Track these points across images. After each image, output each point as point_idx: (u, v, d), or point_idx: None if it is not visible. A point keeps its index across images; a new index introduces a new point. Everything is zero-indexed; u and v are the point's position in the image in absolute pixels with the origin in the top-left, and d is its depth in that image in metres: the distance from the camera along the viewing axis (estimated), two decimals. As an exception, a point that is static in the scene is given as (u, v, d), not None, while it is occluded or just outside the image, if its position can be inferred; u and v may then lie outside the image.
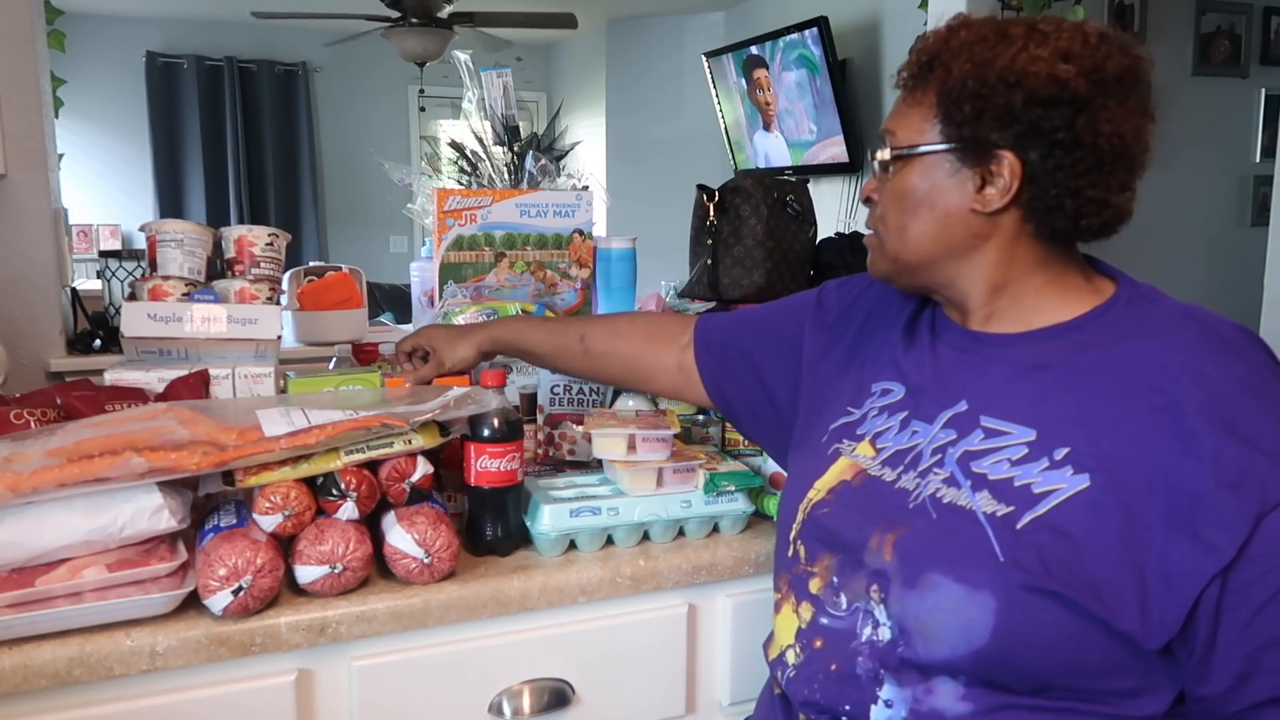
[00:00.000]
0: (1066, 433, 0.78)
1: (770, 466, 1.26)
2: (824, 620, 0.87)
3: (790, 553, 0.93)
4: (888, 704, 0.81)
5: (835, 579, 0.87)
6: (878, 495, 0.87)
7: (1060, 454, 0.77)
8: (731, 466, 1.18)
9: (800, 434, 1.03)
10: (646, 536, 1.15)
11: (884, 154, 0.89)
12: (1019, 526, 0.76)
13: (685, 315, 1.23)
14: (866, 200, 0.93)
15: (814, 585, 0.89)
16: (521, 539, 1.12)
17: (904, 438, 0.89)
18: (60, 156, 1.60)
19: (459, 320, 1.40)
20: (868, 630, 0.83)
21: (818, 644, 0.87)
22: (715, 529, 1.18)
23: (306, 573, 0.96)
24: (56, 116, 1.60)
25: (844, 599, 0.86)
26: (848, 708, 0.84)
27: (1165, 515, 0.72)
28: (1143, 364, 0.78)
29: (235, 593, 0.90)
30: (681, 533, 1.16)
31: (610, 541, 1.13)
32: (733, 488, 1.15)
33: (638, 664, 1.11)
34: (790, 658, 0.91)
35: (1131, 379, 0.78)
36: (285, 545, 0.98)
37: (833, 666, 0.85)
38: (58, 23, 1.66)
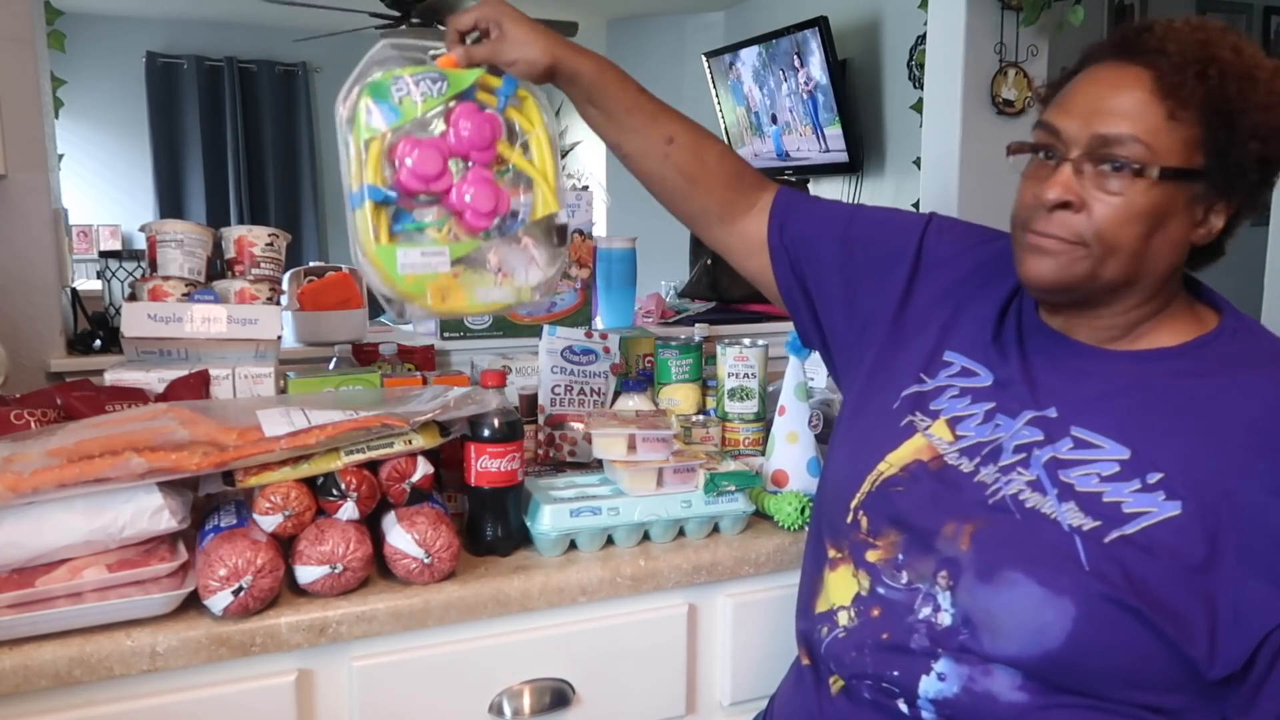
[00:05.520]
0: (1162, 457, 0.78)
1: (770, 466, 1.26)
2: (881, 590, 0.86)
3: (849, 519, 0.90)
4: (940, 676, 0.80)
5: (900, 556, 0.85)
6: (956, 487, 0.85)
7: (1154, 478, 0.77)
8: (731, 466, 1.18)
9: (864, 383, 0.98)
10: (647, 536, 1.15)
11: (1153, 172, 0.76)
12: (1106, 540, 0.76)
13: (761, 176, 1.08)
14: (1064, 205, 0.79)
15: (873, 555, 0.87)
16: (521, 539, 1.12)
17: (986, 430, 0.87)
18: (60, 156, 1.60)
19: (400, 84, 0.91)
20: (926, 610, 0.82)
21: (875, 613, 0.86)
22: (715, 529, 1.18)
23: (307, 573, 0.96)
24: (56, 116, 1.60)
25: (905, 575, 0.84)
26: (895, 674, 0.83)
27: (1248, 552, 0.72)
28: (1247, 400, 0.78)
29: (235, 593, 0.90)
30: (682, 533, 1.16)
31: (610, 541, 1.13)
32: (733, 488, 1.15)
33: (638, 664, 1.11)
34: (842, 619, 0.89)
35: (1234, 413, 0.78)
36: (285, 545, 0.98)
37: (884, 635, 0.84)
38: (58, 23, 1.66)
